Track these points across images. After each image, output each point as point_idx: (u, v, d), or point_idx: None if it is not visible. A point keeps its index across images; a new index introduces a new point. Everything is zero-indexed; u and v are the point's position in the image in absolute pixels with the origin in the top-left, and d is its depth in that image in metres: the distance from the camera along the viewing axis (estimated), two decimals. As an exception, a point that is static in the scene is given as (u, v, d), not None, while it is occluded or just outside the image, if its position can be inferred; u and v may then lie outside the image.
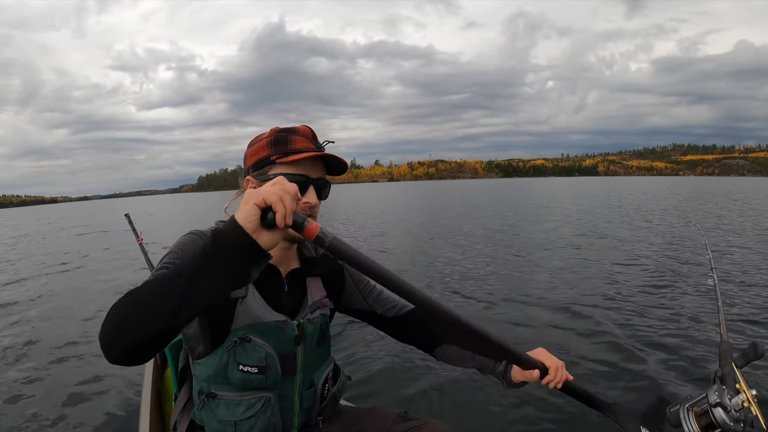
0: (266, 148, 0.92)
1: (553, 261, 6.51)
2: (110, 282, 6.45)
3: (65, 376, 3.06)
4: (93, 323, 4.34)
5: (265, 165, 0.92)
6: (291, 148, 0.91)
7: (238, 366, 0.88)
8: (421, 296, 0.69)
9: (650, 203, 18.45)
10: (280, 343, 0.91)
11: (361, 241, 9.50)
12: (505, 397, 2.45)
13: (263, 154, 0.92)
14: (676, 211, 14.17)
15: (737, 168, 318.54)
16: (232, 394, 0.90)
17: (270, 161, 0.91)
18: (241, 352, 0.88)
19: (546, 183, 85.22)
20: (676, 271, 5.48)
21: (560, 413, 2.30)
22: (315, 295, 1.01)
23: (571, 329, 3.55)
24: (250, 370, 0.88)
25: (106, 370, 3.11)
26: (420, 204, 22.67)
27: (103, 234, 15.18)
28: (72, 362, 3.32)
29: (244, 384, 0.90)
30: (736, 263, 5.83)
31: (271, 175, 0.90)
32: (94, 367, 3.20)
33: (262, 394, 0.91)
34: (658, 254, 6.69)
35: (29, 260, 9.53)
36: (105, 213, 34.90)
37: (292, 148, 0.91)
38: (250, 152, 0.95)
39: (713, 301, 1.12)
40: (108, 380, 2.92)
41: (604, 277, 5.39)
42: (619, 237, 8.77)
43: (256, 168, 0.93)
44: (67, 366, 3.26)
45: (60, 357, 3.43)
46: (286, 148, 0.91)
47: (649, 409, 0.89)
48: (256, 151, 0.94)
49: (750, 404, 0.71)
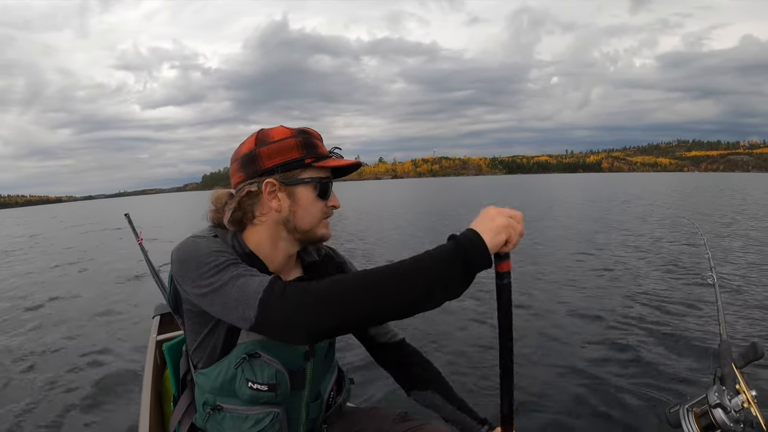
0: (296, 149, 0.86)
1: (550, 262, 6.51)
2: (111, 283, 6.46)
3: (65, 376, 3.06)
4: (93, 323, 4.34)
5: (296, 167, 0.87)
6: (320, 152, 0.89)
7: (247, 383, 0.86)
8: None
9: (645, 201, 18.44)
10: (290, 359, 0.89)
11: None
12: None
13: (294, 156, 0.86)
14: (675, 211, 14.16)
15: (742, 164, 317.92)
16: (239, 408, 0.88)
17: (304, 164, 0.86)
18: (250, 369, 0.85)
19: (548, 180, 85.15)
20: (675, 271, 5.47)
21: (560, 412, 2.31)
22: None
23: (570, 330, 3.55)
24: (260, 388, 0.86)
25: (105, 369, 3.12)
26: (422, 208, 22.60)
27: (116, 231, 15.21)
28: (72, 362, 3.32)
29: (252, 400, 0.87)
30: (737, 262, 5.83)
31: (303, 179, 0.87)
32: (94, 367, 3.20)
33: (271, 410, 0.89)
34: (657, 255, 6.68)
35: (30, 263, 9.53)
36: (112, 211, 34.90)
37: (322, 152, 0.89)
38: (271, 152, 0.86)
39: (713, 301, 1.12)
40: (108, 380, 2.93)
41: (602, 277, 5.38)
42: (616, 237, 8.76)
43: (285, 170, 0.86)
44: (67, 366, 3.26)
45: (60, 357, 3.44)
46: (318, 151, 0.88)
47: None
48: (282, 152, 0.86)
49: (750, 405, 0.71)
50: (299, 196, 0.87)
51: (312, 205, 0.88)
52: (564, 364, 2.90)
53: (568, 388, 2.58)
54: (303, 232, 0.90)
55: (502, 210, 0.71)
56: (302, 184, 0.87)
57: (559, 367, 2.86)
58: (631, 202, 18.84)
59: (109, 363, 3.26)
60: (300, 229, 0.89)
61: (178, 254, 0.83)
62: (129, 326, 4.14)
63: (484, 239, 0.67)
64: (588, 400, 2.43)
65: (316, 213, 0.89)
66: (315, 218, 0.89)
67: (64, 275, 7.36)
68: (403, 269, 0.68)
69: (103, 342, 3.75)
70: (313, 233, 0.91)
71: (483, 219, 0.70)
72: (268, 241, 0.90)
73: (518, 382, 2.64)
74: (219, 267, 0.77)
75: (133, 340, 3.67)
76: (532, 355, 3.09)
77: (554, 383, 2.65)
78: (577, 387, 2.59)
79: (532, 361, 2.98)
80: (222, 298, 0.75)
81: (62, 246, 12.08)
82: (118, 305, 4.98)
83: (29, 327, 4.31)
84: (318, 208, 0.89)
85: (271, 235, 0.90)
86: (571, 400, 2.45)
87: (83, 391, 2.81)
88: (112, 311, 4.74)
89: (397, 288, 0.67)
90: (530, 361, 2.98)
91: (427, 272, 0.67)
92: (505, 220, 0.68)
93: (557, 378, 2.72)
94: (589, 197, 23.25)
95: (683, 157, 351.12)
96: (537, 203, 19.43)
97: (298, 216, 0.88)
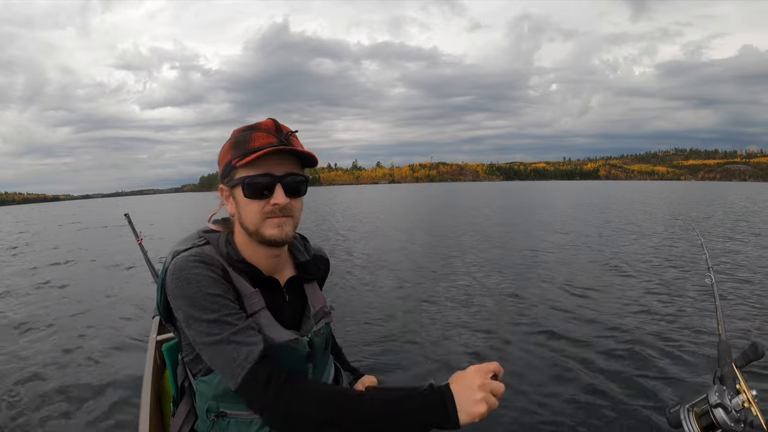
0: (228, 152, 0.86)
1: (548, 264, 6.51)
2: (110, 283, 6.44)
3: (65, 376, 3.05)
4: (93, 323, 4.33)
5: (230, 171, 0.85)
6: (250, 147, 0.83)
7: None
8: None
9: (639, 205, 18.47)
10: (292, 363, 0.88)
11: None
12: (504, 398, 2.46)
13: (226, 159, 0.86)
14: (674, 213, 14.17)
15: (739, 173, 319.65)
16: (243, 413, 0.86)
17: (232, 166, 0.84)
18: None
19: (540, 187, 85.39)
20: (674, 272, 5.49)
21: (559, 414, 2.31)
22: (316, 303, 0.99)
23: (570, 330, 3.55)
24: None
25: (105, 370, 3.11)
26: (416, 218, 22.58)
27: (114, 229, 15.16)
28: (72, 362, 3.32)
29: None
30: (734, 263, 5.84)
31: (237, 180, 0.84)
32: (94, 366, 3.20)
33: None
34: (655, 256, 6.70)
35: (28, 262, 9.51)
36: (109, 211, 34.84)
37: (252, 147, 0.83)
38: (219, 159, 0.89)
39: (711, 301, 1.12)
40: (108, 380, 2.92)
41: (601, 278, 5.39)
42: (613, 239, 8.77)
43: (224, 176, 0.87)
44: (67, 366, 3.25)
45: (60, 357, 3.43)
46: (246, 148, 0.83)
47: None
48: (222, 158, 0.87)
49: (750, 404, 0.71)
50: (237, 198, 0.86)
51: (247, 206, 0.85)
52: (563, 365, 2.90)
53: (568, 389, 2.58)
54: (252, 233, 0.87)
55: (484, 382, 0.72)
56: (236, 187, 0.85)
57: (558, 368, 2.86)
58: (626, 205, 18.85)
59: (109, 363, 3.26)
60: (249, 231, 0.87)
61: (173, 283, 0.81)
62: (129, 326, 4.14)
63: (458, 413, 0.70)
64: (588, 401, 2.43)
65: (254, 213, 0.85)
66: (255, 219, 0.85)
67: (63, 275, 7.34)
68: (378, 411, 0.73)
69: (103, 342, 3.74)
70: (260, 234, 0.86)
71: (464, 388, 0.72)
72: (247, 245, 0.89)
73: (519, 382, 2.64)
74: (211, 320, 0.78)
75: (133, 340, 3.66)
76: (532, 354, 3.09)
77: (553, 383, 2.66)
78: (576, 387, 2.59)
79: (531, 362, 2.98)
80: (209, 354, 0.79)
81: (60, 244, 12.05)
82: (118, 305, 4.98)
83: (29, 327, 4.30)
84: (253, 208, 0.85)
85: (245, 239, 0.89)
86: (570, 400, 2.45)
87: (83, 390, 2.80)
88: (112, 311, 4.74)
89: (367, 425, 0.73)
90: (529, 361, 2.98)
91: (399, 421, 0.72)
92: (484, 395, 0.71)
93: (556, 378, 2.73)
94: (581, 202, 23.27)
95: (681, 166, 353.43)
96: (530, 206, 19.44)
97: (243, 218, 0.87)
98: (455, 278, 5.64)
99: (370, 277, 5.87)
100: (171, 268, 0.82)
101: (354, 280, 5.71)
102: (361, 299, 4.79)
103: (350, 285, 5.47)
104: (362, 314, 4.10)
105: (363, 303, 4.61)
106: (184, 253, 0.85)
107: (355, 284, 5.52)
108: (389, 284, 5.48)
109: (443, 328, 3.68)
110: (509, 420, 2.27)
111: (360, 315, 4.07)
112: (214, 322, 0.78)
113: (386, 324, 3.74)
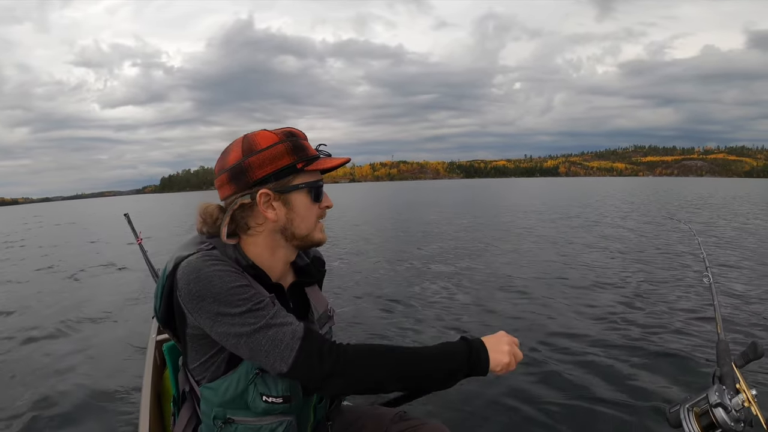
0: (287, 155, 0.84)
1: (540, 267, 6.52)
2: (110, 283, 6.43)
3: (65, 376, 3.05)
4: (93, 323, 4.33)
5: (288, 174, 0.85)
6: (310, 153, 0.87)
7: (261, 396, 0.84)
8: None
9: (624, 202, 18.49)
10: None
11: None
12: (503, 398, 2.47)
13: (285, 162, 0.84)
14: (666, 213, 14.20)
15: (695, 169, 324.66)
16: (251, 419, 0.86)
17: (296, 169, 0.85)
18: (263, 383, 0.84)
19: (504, 183, 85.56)
20: (671, 272, 5.49)
21: (559, 413, 2.31)
22: (319, 307, 0.99)
23: (569, 332, 3.55)
24: (274, 401, 0.84)
25: (105, 369, 3.11)
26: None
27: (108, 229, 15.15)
28: (72, 362, 3.31)
29: (266, 412, 0.86)
30: (731, 263, 5.85)
31: (297, 185, 0.85)
32: (93, 366, 3.20)
33: (284, 418, 0.87)
34: (651, 255, 6.70)
35: (22, 264, 9.49)
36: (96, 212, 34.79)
37: (311, 154, 0.87)
38: (261, 161, 0.83)
39: (709, 301, 1.13)
40: (108, 380, 2.92)
41: (598, 278, 5.40)
42: (610, 239, 8.78)
43: (277, 178, 0.84)
44: (67, 366, 3.24)
45: (59, 357, 3.43)
46: (307, 154, 0.86)
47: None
48: (273, 160, 0.83)
49: (750, 404, 0.72)
50: (294, 203, 0.87)
51: (308, 211, 0.88)
52: (562, 365, 2.90)
53: (567, 389, 2.58)
54: (301, 239, 0.90)
55: (511, 340, 0.85)
56: (296, 191, 0.86)
57: (556, 368, 2.86)
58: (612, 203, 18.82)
59: (108, 363, 3.25)
60: (298, 236, 0.89)
61: (191, 285, 0.79)
62: (129, 326, 4.13)
63: (489, 357, 0.82)
64: (587, 401, 2.43)
65: (312, 218, 0.89)
66: (312, 223, 0.90)
67: (62, 275, 7.33)
68: (425, 357, 0.81)
69: (103, 342, 3.74)
70: (311, 238, 0.91)
71: (493, 341, 0.84)
72: (266, 250, 0.89)
73: (518, 381, 2.64)
74: (244, 311, 0.77)
75: (133, 340, 3.66)
76: (528, 354, 3.09)
77: (551, 384, 2.66)
78: (576, 388, 2.59)
79: (527, 361, 2.98)
80: (250, 345, 0.78)
81: (58, 245, 12.04)
82: (118, 305, 4.97)
83: (29, 326, 4.29)
84: (313, 212, 0.89)
85: (269, 244, 0.89)
86: (570, 400, 2.45)
87: (83, 391, 2.80)
88: (112, 311, 4.73)
89: (416, 372, 0.80)
90: (526, 361, 2.98)
91: (441, 365, 0.81)
92: (510, 348, 0.84)
93: (555, 378, 2.73)
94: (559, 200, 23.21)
95: (639, 162, 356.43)
96: (506, 204, 19.42)
97: (295, 223, 0.88)
98: (435, 275, 5.64)
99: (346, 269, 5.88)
100: (184, 271, 0.81)
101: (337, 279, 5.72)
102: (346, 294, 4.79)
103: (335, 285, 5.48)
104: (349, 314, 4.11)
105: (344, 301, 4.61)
106: (193, 256, 0.84)
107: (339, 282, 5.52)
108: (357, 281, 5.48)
109: (432, 325, 3.68)
110: (504, 422, 2.27)
111: (347, 315, 4.08)
112: (248, 312, 0.78)
113: (370, 323, 3.75)
